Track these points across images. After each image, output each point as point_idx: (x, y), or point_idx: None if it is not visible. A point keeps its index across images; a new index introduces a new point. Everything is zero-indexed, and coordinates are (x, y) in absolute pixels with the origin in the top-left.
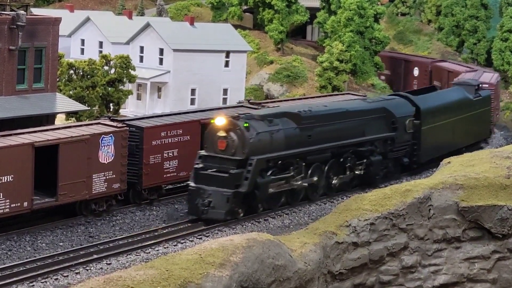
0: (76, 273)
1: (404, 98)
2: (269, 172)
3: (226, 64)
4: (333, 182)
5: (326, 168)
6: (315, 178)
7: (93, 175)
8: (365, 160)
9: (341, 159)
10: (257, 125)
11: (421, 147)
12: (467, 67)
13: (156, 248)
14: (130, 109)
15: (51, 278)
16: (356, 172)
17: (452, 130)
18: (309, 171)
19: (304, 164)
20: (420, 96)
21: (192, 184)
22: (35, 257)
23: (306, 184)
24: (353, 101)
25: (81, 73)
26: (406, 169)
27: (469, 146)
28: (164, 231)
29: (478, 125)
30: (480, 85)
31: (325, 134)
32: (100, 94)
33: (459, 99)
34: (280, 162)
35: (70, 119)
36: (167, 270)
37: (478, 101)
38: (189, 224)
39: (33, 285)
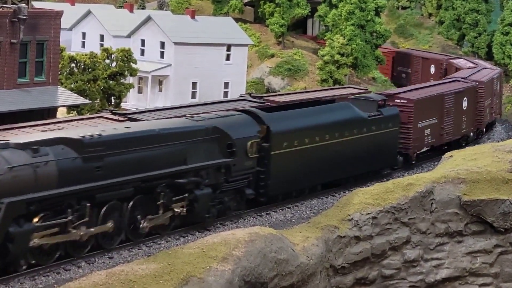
0: (78, 267)
1: (249, 115)
2: (36, 218)
3: (227, 57)
4: (141, 225)
5: (129, 207)
6: (110, 224)
7: None
8: (187, 195)
9: (152, 195)
10: (11, 156)
11: (271, 176)
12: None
13: (159, 242)
14: (131, 102)
15: (53, 272)
16: (176, 211)
17: (327, 156)
18: (101, 214)
19: (90, 204)
20: (275, 113)
21: None
22: None
23: (93, 230)
24: (174, 120)
25: (83, 67)
26: (255, 202)
27: (362, 175)
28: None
29: (376, 150)
30: (386, 101)
31: (123, 164)
32: (102, 88)
33: (340, 119)
34: (52, 204)
35: (72, 113)
36: (169, 264)
37: (376, 120)
38: None
39: (35, 279)
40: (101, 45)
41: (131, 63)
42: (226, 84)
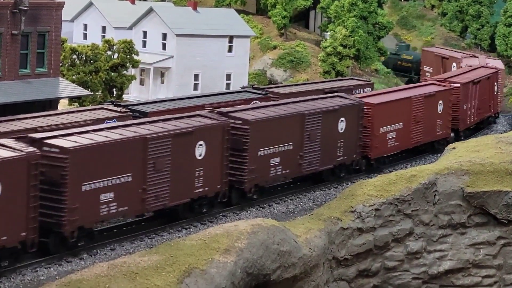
0: (80, 259)
1: None
2: None
3: (230, 49)
4: None
5: None
6: None
7: None
8: None
9: None
10: None
11: None
12: None
13: (161, 234)
14: (133, 94)
15: (55, 264)
16: None
17: None
18: None
19: None
20: None
21: None
22: None
23: None
24: None
25: (84, 58)
26: None
27: None
28: None
29: None
30: None
31: None
32: (103, 79)
33: None
34: None
35: (73, 104)
36: (171, 256)
37: None
38: None
39: (37, 271)
40: (103, 36)
41: (133, 55)
42: (228, 76)
